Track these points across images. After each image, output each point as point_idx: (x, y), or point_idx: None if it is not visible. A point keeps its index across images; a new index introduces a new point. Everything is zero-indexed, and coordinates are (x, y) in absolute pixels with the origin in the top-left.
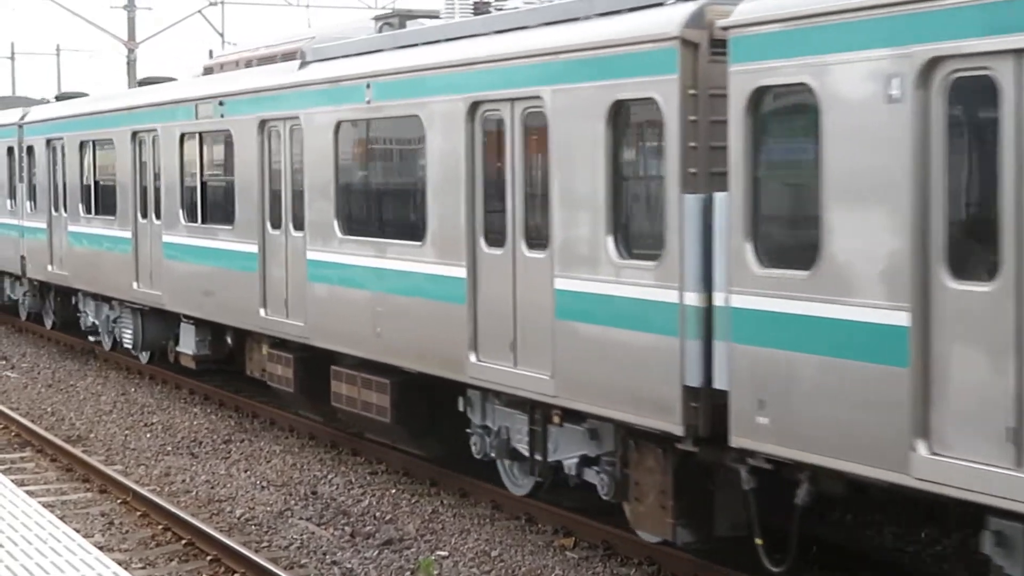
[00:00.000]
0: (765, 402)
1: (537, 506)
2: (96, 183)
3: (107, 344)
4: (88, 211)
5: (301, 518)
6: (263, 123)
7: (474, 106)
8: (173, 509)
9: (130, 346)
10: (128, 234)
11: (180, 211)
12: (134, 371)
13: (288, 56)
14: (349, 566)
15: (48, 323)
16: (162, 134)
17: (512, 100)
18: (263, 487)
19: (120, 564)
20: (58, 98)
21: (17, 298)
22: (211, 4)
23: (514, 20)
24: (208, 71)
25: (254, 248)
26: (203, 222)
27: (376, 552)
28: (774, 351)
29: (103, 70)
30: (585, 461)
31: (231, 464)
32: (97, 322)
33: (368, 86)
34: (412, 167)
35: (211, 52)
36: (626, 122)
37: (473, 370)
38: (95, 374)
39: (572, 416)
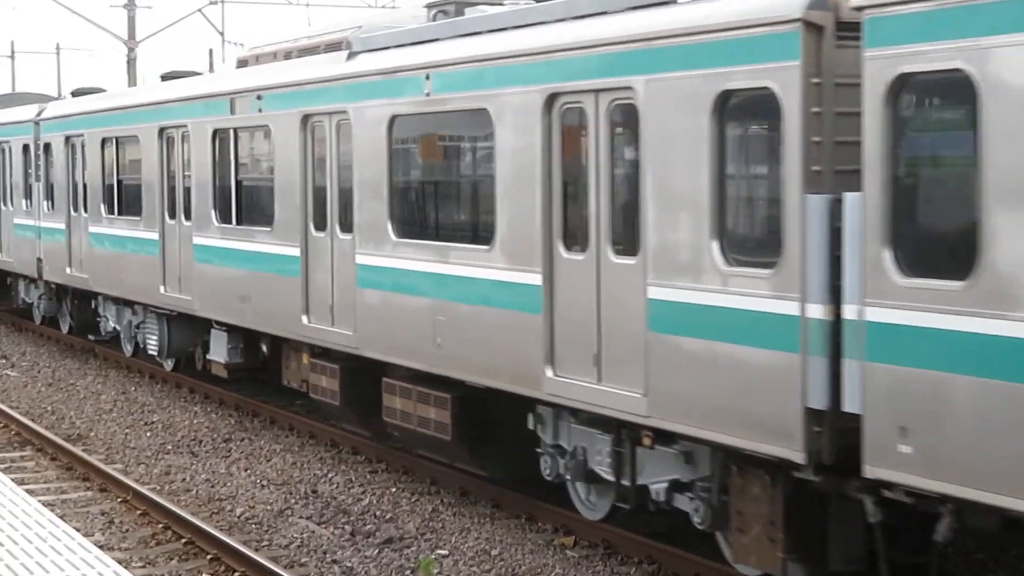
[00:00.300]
0: (908, 429)
1: (537, 505)
2: (119, 182)
3: (128, 350)
4: (111, 211)
5: (301, 517)
6: (306, 118)
7: (551, 98)
8: (173, 508)
9: (155, 353)
10: (155, 236)
11: (213, 212)
12: (134, 370)
13: (332, 47)
14: (349, 565)
15: (64, 327)
16: (193, 130)
17: (597, 91)
18: (263, 486)
19: (120, 563)
20: (74, 94)
21: (32, 301)
22: (211, 3)
23: (599, 4)
24: (243, 64)
25: (295, 251)
26: (238, 223)
27: (376, 551)
28: (920, 371)
29: (103, 69)
30: (676, 486)
31: (231, 463)
32: (118, 327)
33: (428, 77)
34: (478, 165)
35: (211, 51)
36: (735, 115)
37: (550, 386)
38: (95, 373)
39: (662, 437)
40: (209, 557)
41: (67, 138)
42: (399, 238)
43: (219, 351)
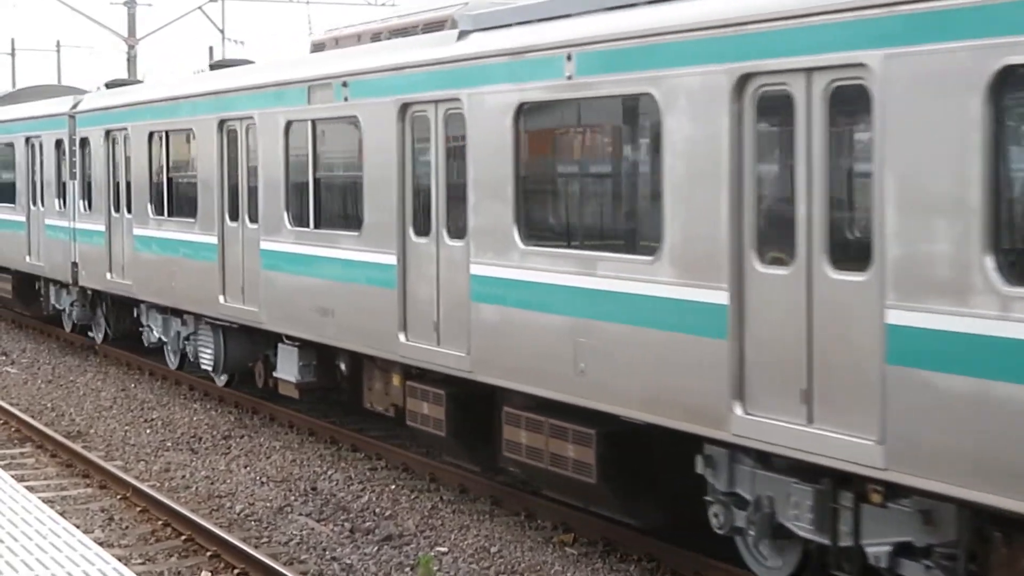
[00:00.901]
0: None
1: (537, 502)
2: (169, 180)
3: (173, 363)
4: (159, 212)
5: (301, 514)
6: (405, 107)
7: (744, 79)
8: (173, 505)
9: (208, 367)
10: (212, 239)
11: (284, 214)
12: (134, 367)
13: (432, 26)
14: (349, 562)
15: (99, 336)
16: (261, 122)
17: (809, 70)
18: (263, 483)
19: (120, 560)
20: (108, 85)
21: (63, 308)
22: (211, 0)
23: None
24: (319, 47)
25: (390, 259)
26: (317, 227)
27: (376, 548)
28: None
29: (103, 66)
30: (904, 549)
31: (231, 460)
32: (165, 339)
33: (569, 58)
34: (638, 160)
35: (211, 49)
36: (1019, 95)
37: (739, 426)
38: (95, 370)
39: (894, 491)
40: (209, 554)
41: (107, 132)
42: (528, 246)
43: (289, 369)
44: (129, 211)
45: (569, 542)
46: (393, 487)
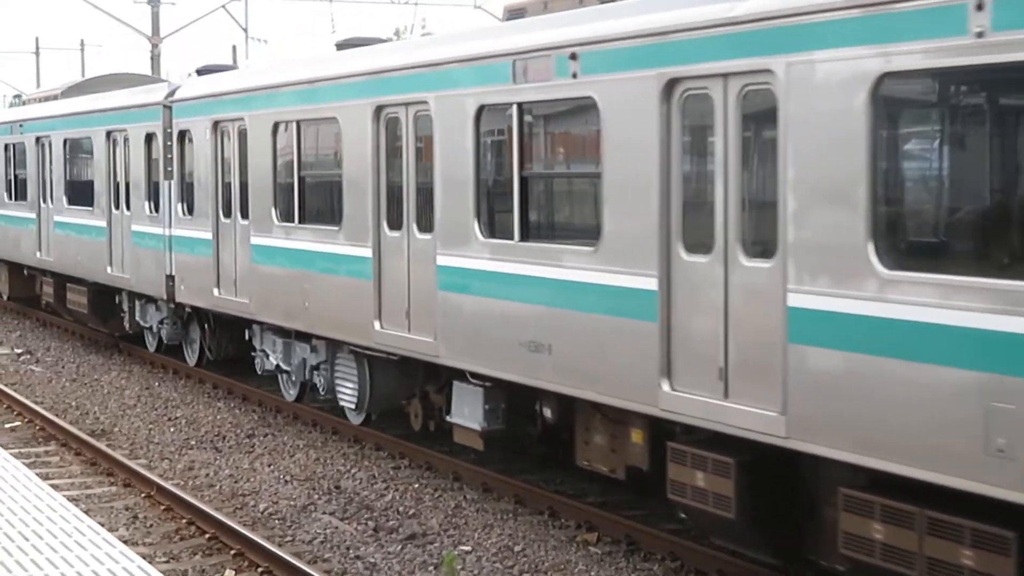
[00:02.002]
0: None
1: (560, 501)
2: (302, 180)
3: (290, 394)
4: (287, 218)
5: (324, 512)
6: (672, 84)
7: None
8: (197, 503)
9: (349, 404)
10: (365, 252)
11: (475, 223)
12: (157, 366)
13: None
14: (372, 560)
15: (192, 359)
16: (438, 107)
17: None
18: (287, 481)
19: (144, 558)
20: (200, 72)
21: (149, 325)
22: None
23: None
24: (517, 13)
25: (644, 282)
26: (527, 238)
27: (399, 547)
28: None
29: (127, 65)
30: None
31: (255, 458)
32: (288, 367)
33: (980, 6)
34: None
35: (234, 47)
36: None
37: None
38: (119, 368)
39: None
40: (233, 552)
41: (215, 124)
42: (893, 269)
43: (470, 413)
44: (245, 216)
45: (593, 541)
46: (417, 486)
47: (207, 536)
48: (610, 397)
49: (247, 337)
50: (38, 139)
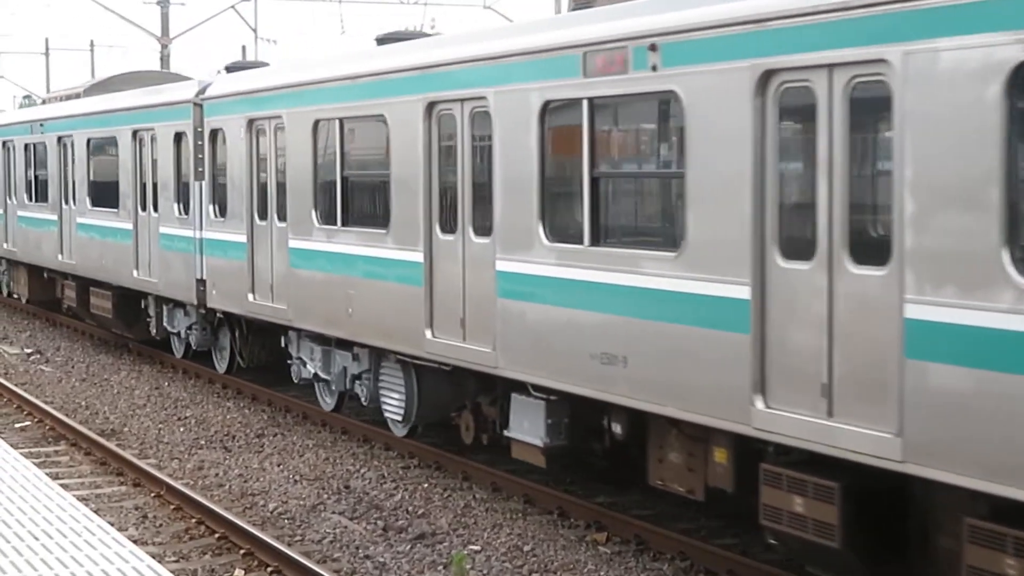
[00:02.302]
0: None
1: (570, 501)
2: (344, 180)
3: (328, 404)
4: (329, 220)
5: (334, 512)
6: (768, 76)
7: None
8: (206, 503)
9: (395, 416)
10: (415, 256)
11: (539, 226)
12: (167, 365)
13: None
14: (382, 560)
15: (221, 366)
16: (497, 104)
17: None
18: (296, 481)
19: (154, 557)
20: (229, 69)
21: (177, 331)
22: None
23: None
24: (583, 3)
25: (736, 290)
26: (597, 243)
27: (409, 546)
28: None
29: (136, 65)
30: None
31: (264, 458)
32: (326, 376)
33: None
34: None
35: (243, 48)
36: None
37: None
38: (129, 368)
39: None
40: (242, 552)
41: (250, 122)
42: None
43: (531, 427)
44: (282, 219)
45: (602, 541)
46: (426, 485)
47: (216, 536)
48: (694, 414)
49: (283, 344)
50: (60, 139)
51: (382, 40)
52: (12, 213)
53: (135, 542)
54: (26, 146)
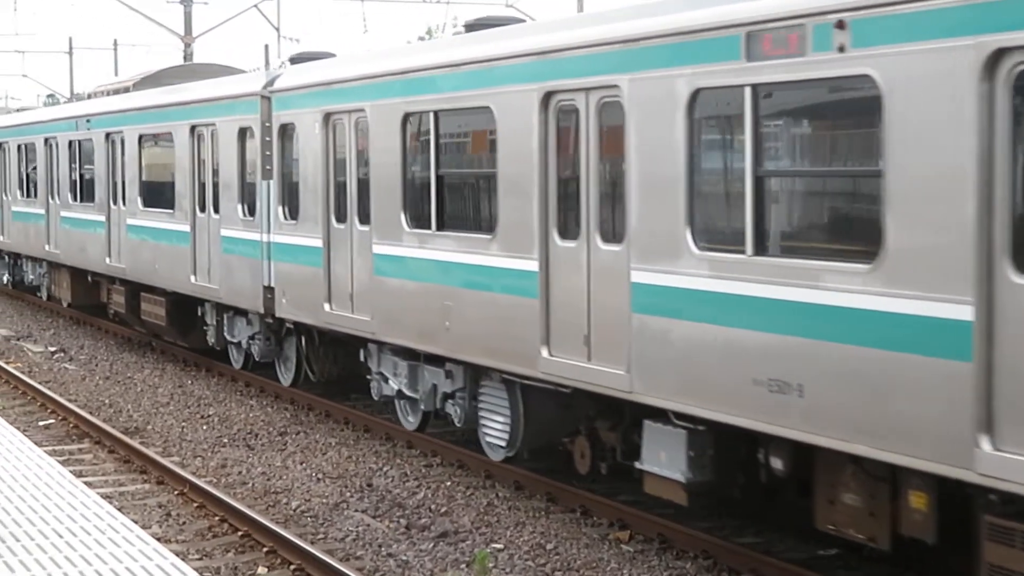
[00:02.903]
0: None
1: (592, 499)
2: (440, 179)
3: (410, 423)
4: (422, 224)
5: (357, 510)
6: (998, 56)
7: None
8: (230, 501)
9: (499, 441)
10: (529, 265)
11: (687, 232)
12: (190, 364)
13: None
14: (404, 558)
15: (286, 378)
16: (635, 93)
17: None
18: (319, 479)
19: (177, 555)
20: (294, 60)
21: (238, 340)
22: None
23: None
24: None
25: (955, 310)
26: (762, 252)
27: (431, 544)
28: None
29: (159, 65)
30: None
31: (287, 456)
32: (412, 393)
33: None
34: None
35: (266, 47)
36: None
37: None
38: (152, 366)
39: None
40: (265, 550)
41: (328, 116)
42: None
43: (670, 460)
44: (364, 222)
45: (625, 539)
46: (449, 483)
47: (240, 533)
48: (892, 453)
49: (361, 358)
50: (108, 135)
51: (472, 26)
52: (55, 214)
53: (158, 540)
54: (71, 143)
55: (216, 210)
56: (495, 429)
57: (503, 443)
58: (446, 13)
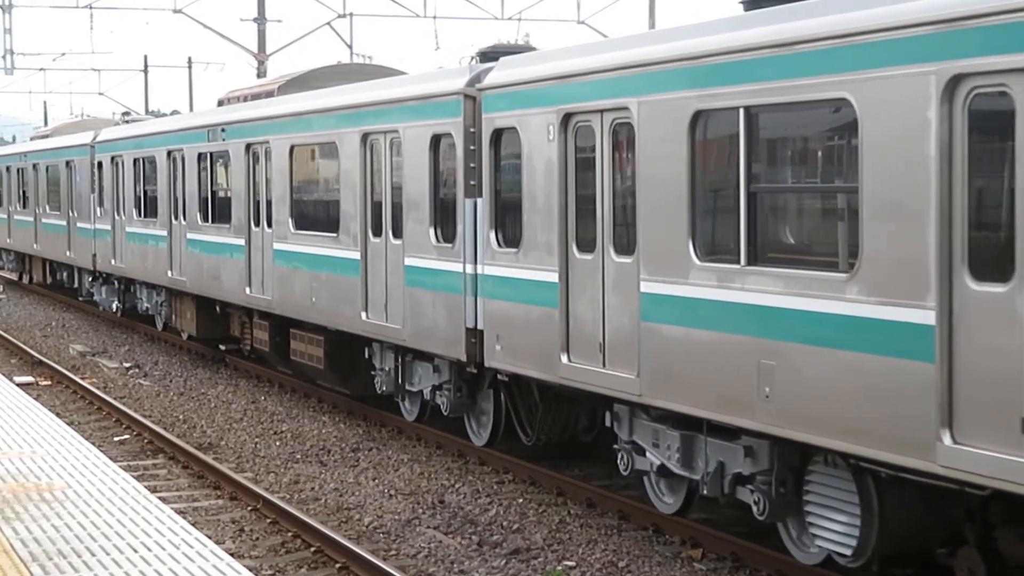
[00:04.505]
0: None
1: (665, 517)
2: (752, 196)
3: (669, 505)
4: (726, 256)
5: (429, 527)
6: None
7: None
8: (302, 516)
9: (842, 548)
10: (923, 316)
11: None
12: (264, 379)
13: None
14: (477, 575)
15: (480, 437)
16: None
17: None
18: (391, 495)
19: (251, 570)
20: (484, 56)
21: (419, 390)
22: (339, 16)
23: None
24: None
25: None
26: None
27: (503, 561)
28: None
29: (232, 83)
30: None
31: (359, 472)
32: (685, 471)
33: None
34: None
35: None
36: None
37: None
38: (226, 382)
39: None
40: (338, 566)
41: (566, 117)
42: None
43: None
44: (625, 251)
45: (698, 557)
46: (521, 500)
47: (312, 549)
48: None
49: (608, 422)
50: (248, 146)
51: (748, 4)
52: (180, 236)
53: (232, 555)
54: (200, 156)
55: (397, 234)
56: (834, 530)
57: (849, 549)
58: (517, 29)
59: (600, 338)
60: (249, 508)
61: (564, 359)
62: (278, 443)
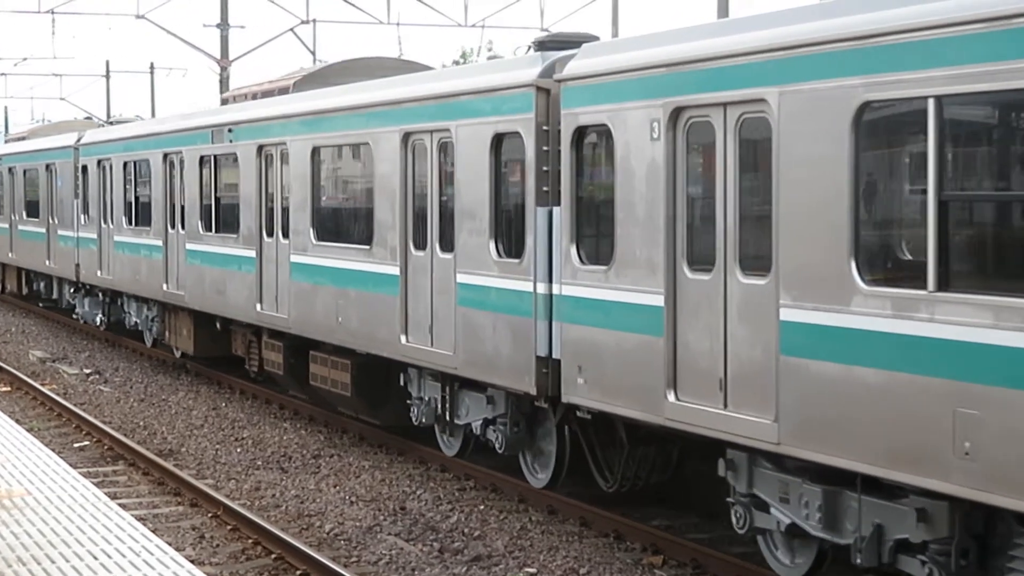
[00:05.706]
0: None
1: (626, 523)
2: (943, 205)
3: (786, 565)
4: (909, 279)
5: (390, 533)
6: None
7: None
8: (263, 523)
9: None
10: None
11: None
12: (224, 386)
13: None
14: None
15: (540, 478)
16: None
17: None
18: (352, 502)
19: None
20: (540, 44)
21: (467, 423)
22: (303, 22)
23: None
24: None
25: None
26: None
27: (465, 568)
28: None
29: (193, 89)
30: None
31: (320, 479)
32: (829, 534)
33: None
34: None
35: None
36: None
37: None
38: (186, 389)
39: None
40: (298, 573)
41: (676, 112)
42: None
43: None
44: (754, 270)
45: (659, 564)
46: (482, 507)
47: (273, 556)
48: None
49: (721, 471)
50: (260, 148)
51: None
52: (177, 246)
53: (192, 562)
54: (202, 159)
55: (446, 247)
56: None
57: None
58: (481, 37)
59: (720, 373)
60: (210, 515)
61: (671, 397)
62: (239, 450)
